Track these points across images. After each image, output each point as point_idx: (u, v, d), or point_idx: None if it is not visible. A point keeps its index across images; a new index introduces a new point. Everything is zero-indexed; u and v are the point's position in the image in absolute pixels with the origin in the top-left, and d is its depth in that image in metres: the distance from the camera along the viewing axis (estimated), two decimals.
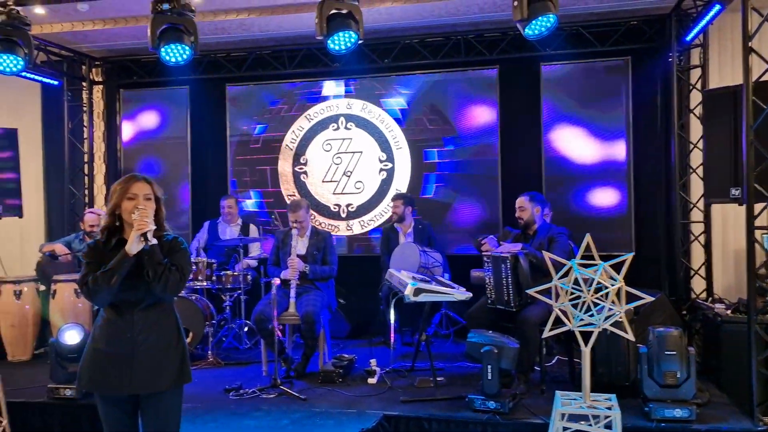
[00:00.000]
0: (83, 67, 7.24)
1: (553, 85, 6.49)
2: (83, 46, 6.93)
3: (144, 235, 2.53)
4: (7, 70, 4.89)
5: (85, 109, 7.32)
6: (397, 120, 6.83)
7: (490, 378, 3.88)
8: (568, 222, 5.86)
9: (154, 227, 2.57)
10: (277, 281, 4.69)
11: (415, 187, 6.76)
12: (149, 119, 7.45)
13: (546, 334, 3.38)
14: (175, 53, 4.65)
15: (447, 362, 5.18)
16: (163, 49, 4.59)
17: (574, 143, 6.43)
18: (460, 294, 4.50)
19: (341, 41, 4.53)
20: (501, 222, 6.46)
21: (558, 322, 3.31)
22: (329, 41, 4.52)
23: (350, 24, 4.40)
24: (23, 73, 5.84)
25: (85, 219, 6.13)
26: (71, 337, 4.37)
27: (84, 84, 7.28)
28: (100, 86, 7.49)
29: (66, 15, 5.89)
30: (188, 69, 6.64)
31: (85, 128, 7.33)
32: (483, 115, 6.64)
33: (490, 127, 6.62)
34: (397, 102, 6.83)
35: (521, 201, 4.80)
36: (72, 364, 4.34)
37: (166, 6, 4.34)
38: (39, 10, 5.53)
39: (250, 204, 7.18)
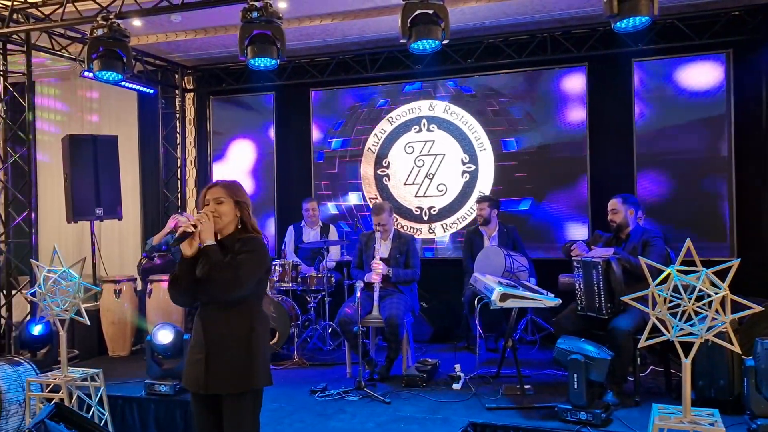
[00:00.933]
0: (176, 75, 7.59)
1: (645, 81, 6.20)
2: (176, 55, 7.24)
3: (182, 236, 2.55)
4: (110, 79, 5.16)
5: (177, 116, 7.65)
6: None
7: (576, 388, 3.73)
8: (665, 227, 5.58)
9: (193, 230, 2.56)
10: (360, 284, 4.72)
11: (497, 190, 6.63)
12: (237, 125, 7.69)
13: (642, 343, 3.20)
14: (263, 60, 4.75)
15: (534, 369, 5.04)
16: (252, 57, 4.71)
17: (669, 143, 6.10)
18: (549, 300, 4.35)
19: (425, 42, 4.48)
20: (590, 225, 6.22)
21: (654, 331, 3.14)
22: (413, 44, 4.48)
23: (435, 26, 4.34)
24: (122, 83, 6.19)
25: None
26: (164, 336, 4.58)
27: (176, 92, 7.62)
28: (192, 94, 7.80)
29: (160, 26, 6.17)
30: (274, 75, 6.81)
31: (177, 134, 7.66)
32: (571, 114, 6.42)
33: (579, 127, 6.39)
34: (483, 100, 6.73)
35: (614, 203, 4.60)
36: (166, 361, 4.57)
37: (255, 15, 4.44)
38: (136, 22, 5.82)
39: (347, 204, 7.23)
